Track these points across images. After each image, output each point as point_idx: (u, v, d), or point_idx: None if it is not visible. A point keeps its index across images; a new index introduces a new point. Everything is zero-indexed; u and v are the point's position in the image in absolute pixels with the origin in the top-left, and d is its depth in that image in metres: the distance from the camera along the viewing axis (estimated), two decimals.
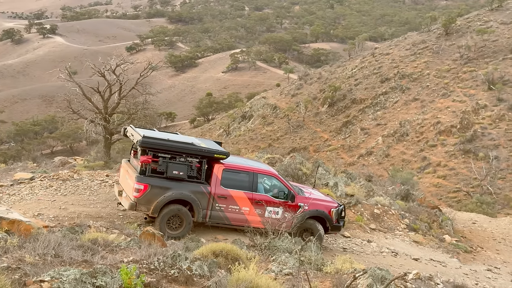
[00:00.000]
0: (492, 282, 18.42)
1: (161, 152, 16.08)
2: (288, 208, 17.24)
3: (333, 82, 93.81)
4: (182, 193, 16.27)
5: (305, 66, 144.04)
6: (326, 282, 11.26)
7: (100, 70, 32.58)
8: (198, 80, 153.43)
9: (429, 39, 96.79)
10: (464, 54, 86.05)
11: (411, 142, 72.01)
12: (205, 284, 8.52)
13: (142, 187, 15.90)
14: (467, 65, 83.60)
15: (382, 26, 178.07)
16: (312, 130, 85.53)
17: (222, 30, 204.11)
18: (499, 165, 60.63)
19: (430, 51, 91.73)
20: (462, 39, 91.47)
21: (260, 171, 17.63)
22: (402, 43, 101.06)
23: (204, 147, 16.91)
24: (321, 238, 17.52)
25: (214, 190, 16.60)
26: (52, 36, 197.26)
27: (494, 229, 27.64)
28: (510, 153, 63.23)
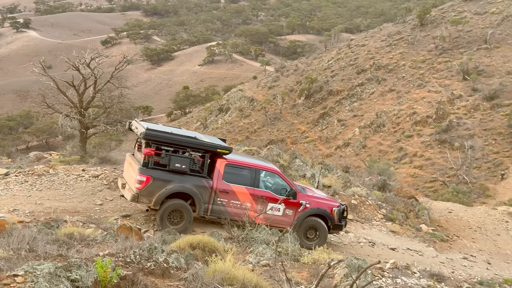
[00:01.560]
0: (468, 270, 18.59)
1: (164, 145, 16.12)
2: (290, 205, 17.24)
3: (309, 74, 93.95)
4: (184, 186, 16.28)
5: (281, 58, 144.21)
6: (303, 272, 11.29)
7: (75, 64, 32.22)
8: (174, 73, 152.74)
9: (404, 30, 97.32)
10: (439, 44, 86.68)
11: (388, 133, 72.44)
12: (181, 276, 8.49)
13: (144, 178, 15.94)
14: (442, 56, 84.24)
15: (358, 18, 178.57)
16: (289, 122, 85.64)
17: (198, 23, 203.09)
18: (474, 154, 61.21)
19: (405, 42, 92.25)
20: (436, 30, 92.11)
21: (262, 167, 17.65)
22: (378, 34, 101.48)
23: (206, 141, 16.98)
24: (325, 236, 17.57)
25: (216, 185, 16.60)
26: (26, 30, 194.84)
27: (470, 218, 27.89)
28: (485, 142, 63.88)
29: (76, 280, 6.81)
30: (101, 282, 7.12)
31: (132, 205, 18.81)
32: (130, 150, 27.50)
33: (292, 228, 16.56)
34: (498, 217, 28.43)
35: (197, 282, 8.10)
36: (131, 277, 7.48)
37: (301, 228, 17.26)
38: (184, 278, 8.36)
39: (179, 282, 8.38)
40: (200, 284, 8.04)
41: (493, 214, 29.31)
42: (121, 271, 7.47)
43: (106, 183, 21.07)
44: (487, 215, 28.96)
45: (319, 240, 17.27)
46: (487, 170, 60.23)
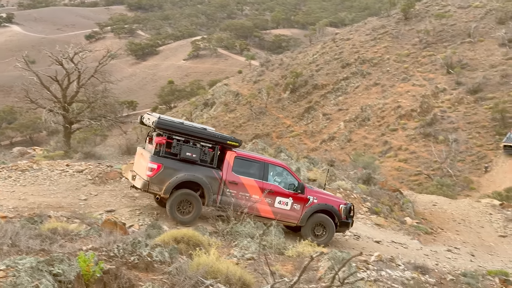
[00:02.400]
0: (452, 262, 18.69)
1: (176, 135, 16.26)
2: (298, 200, 17.25)
3: (294, 68, 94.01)
4: (194, 175, 16.34)
5: (266, 52, 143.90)
6: (288, 265, 11.32)
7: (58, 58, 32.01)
8: (159, 68, 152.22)
9: (389, 24, 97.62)
10: (423, 38, 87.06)
11: (373, 126, 72.72)
12: (165, 270, 8.49)
13: (155, 166, 16.06)
14: (426, 50, 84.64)
15: (342, 12, 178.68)
16: (274, 116, 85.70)
17: (182, 17, 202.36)
18: (458, 147, 61.62)
19: (390, 36, 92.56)
20: (421, 23, 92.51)
21: (271, 162, 17.82)
22: (362, 28, 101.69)
23: (217, 133, 17.22)
24: (333, 233, 17.64)
25: (226, 176, 16.66)
26: (9, 25, 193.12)
27: (454, 210, 28.05)
28: (469, 135, 64.33)
29: (59, 274, 6.77)
30: (83, 276, 7.09)
31: (117, 200, 18.75)
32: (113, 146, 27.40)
33: (299, 223, 17.16)
34: (482, 210, 28.61)
35: (181, 276, 8.09)
36: (114, 271, 7.45)
37: (309, 224, 17.32)
38: (168, 271, 8.35)
39: (163, 275, 8.37)
40: (183, 278, 8.03)
41: (477, 206, 29.48)
42: (104, 265, 7.44)
43: (90, 178, 20.95)
44: (471, 207, 29.13)
45: (326, 236, 17.37)
46: (471, 163, 60.69)
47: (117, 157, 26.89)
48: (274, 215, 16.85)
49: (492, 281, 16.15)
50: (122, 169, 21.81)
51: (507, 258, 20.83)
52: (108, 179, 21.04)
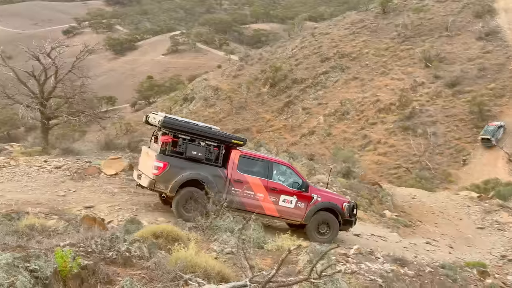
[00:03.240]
0: (431, 255, 18.84)
1: (181, 133, 16.45)
2: (302, 198, 17.42)
3: (274, 62, 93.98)
4: (199, 174, 16.51)
5: (245, 47, 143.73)
6: (267, 259, 11.34)
7: (35, 53, 31.65)
8: (138, 63, 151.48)
9: (367, 18, 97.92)
10: (401, 32, 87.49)
11: (352, 120, 73.02)
12: (144, 265, 8.47)
13: (161, 164, 16.22)
14: (405, 44, 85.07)
15: (321, 6, 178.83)
16: (254, 111, 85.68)
17: (161, 12, 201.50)
18: (436, 141, 62.10)
19: (368, 30, 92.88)
20: (399, 17, 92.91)
21: (275, 160, 18.06)
22: (341, 22, 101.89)
23: (222, 132, 17.54)
24: (337, 230, 17.83)
25: (231, 175, 16.83)
26: None
27: (433, 203, 28.30)
28: (447, 129, 64.82)
29: (35, 270, 6.72)
30: (61, 272, 7.05)
31: (96, 196, 18.65)
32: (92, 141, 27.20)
33: (303, 221, 17.40)
34: (460, 202, 28.91)
35: (159, 271, 8.09)
36: (92, 266, 7.42)
37: (314, 222, 17.52)
38: (147, 266, 8.35)
39: (141, 270, 8.35)
40: (162, 272, 8.02)
41: (455, 199, 29.79)
42: (82, 261, 7.41)
43: (69, 174, 20.82)
44: (449, 200, 29.41)
45: (331, 234, 17.57)
46: (450, 156, 61.19)
47: (96, 153, 26.70)
48: (279, 213, 17.24)
49: (470, 273, 16.28)
50: (101, 165, 21.72)
51: (485, 250, 21.06)
52: (86, 175, 20.93)
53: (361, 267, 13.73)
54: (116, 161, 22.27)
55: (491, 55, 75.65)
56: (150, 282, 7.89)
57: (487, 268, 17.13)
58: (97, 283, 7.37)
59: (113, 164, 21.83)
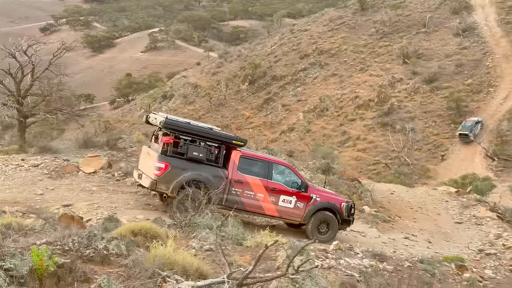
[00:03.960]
0: (409, 249, 18.98)
1: (183, 134, 16.59)
2: (301, 198, 17.63)
3: (253, 59, 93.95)
4: (200, 175, 16.63)
5: (224, 44, 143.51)
6: (246, 256, 11.36)
7: (11, 51, 31.38)
8: (116, 60, 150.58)
9: (346, 15, 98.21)
10: (380, 29, 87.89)
11: (331, 117, 73.23)
12: (122, 263, 8.44)
13: (163, 165, 16.39)
14: (383, 40, 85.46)
15: (300, 3, 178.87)
16: (234, 108, 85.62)
17: (139, 9, 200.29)
18: (415, 136, 62.48)
19: (347, 27, 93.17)
20: (377, 14, 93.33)
21: (275, 161, 18.29)
22: (320, 19, 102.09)
23: (223, 133, 17.90)
24: (336, 230, 18.03)
25: (231, 175, 17.00)
26: None
27: (411, 198, 28.50)
28: (426, 124, 65.26)
29: (11, 269, 6.67)
30: (37, 270, 7.00)
31: (74, 194, 18.55)
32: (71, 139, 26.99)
33: (302, 221, 17.74)
34: (438, 197, 29.15)
35: (137, 268, 8.07)
36: (69, 264, 7.38)
37: (314, 222, 17.74)
38: (124, 264, 8.32)
39: (119, 268, 8.32)
40: (139, 270, 8.00)
41: (433, 194, 30.04)
42: (58, 259, 7.36)
43: (46, 172, 20.70)
44: (427, 195, 29.66)
45: (330, 233, 17.80)
46: (428, 152, 61.61)
47: (74, 151, 26.51)
48: (278, 213, 17.53)
49: (448, 267, 16.46)
50: (79, 163, 21.60)
51: (463, 244, 21.25)
52: (65, 173, 20.83)
53: (340, 263, 13.82)
54: (95, 159, 22.18)
55: (468, 51, 76.24)
56: (127, 279, 7.86)
57: (465, 262, 17.32)
58: (74, 281, 7.33)
59: (91, 162, 21.74)
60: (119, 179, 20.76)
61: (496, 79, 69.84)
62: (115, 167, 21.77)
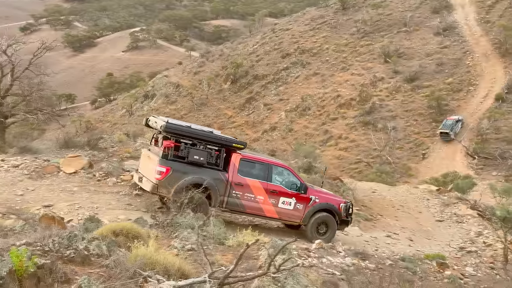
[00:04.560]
0: (391, 248, 19.05)
1: (183, 138, 16.67)
2: (300, 199, 17.82)
3: (235, 58, 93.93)
4: (201, 178, 16.63)
5: (206, 43, 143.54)
6: (228, 255, 11.35)
7: None
8: (97, 60, 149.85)
9: (327, 14, 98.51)
10: (361, 28, 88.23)
11: (313, 116, 73.37)
12: (103, 263, 8.39)
13: (164, 169, 16.43)
14: (364, 39, 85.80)
15: (281, 2, 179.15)
16: (216, 107, 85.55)
17: (120, 8, 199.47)
18: (396, 135, 62.77)
19: (328, 26, 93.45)
20: (358, 13, 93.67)
21: (275, 163, 18.30)
22: (301, 18, 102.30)
23: (223, 136, 17.83)
24: (335, 230, 18.28)
25: (232, 178, 17.09)
26: None
27: (393, 197, 28.60)
28: (407, 123, 65.60)
29: None
30: (16, 271, 6.94)
31: (55, 195, 18.41)
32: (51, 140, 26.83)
33: (302, 222, 17.99)
34: (420, 195, 29.29)
35: (118, 268, 8.03)
36: (49, 265, 7.32)
37: (314, 223, 17.95)
38: (105, 264, 8.28)
39: (100, 269, 8.28)
40: (120, 270, 7.96)
41: (414, 192, 30.18)
42: (39, 260, 7.30)
43: (27, 172, 20.51)
44: (409, 193, 29.78)
45: (329, 234, 18.04)
46: (409, 150, 61.93)
47: (54, 151, 26.27)
48: (278, 215, 17.70)
49: (429, 265, 16.56)
50: (60, 163, 21.44)
51: (444, 242, 21.38)
52: (45, 173, 20.65)
53: (322, 261, 13.85)
54: (76, 159, 22.01)
55: (449, 50, 76.79)
56: (108, 280, 7.83)
57: (446, 260, 17.43)
58: (54, 282, 7.28)
59: (72, 162, 21.56)
60: (100, 179, 20.62)
61: (476, 78, 70.42)
62: (96, 167, 21.62)
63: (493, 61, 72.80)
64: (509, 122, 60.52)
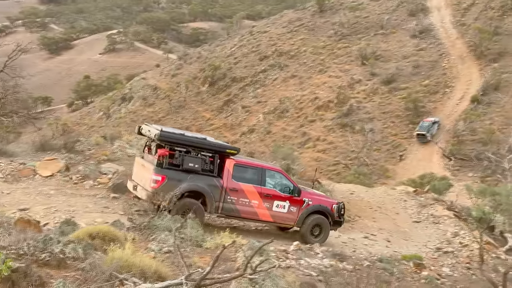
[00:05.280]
0: (369, 249, 19.13)
1: (177, 146, 16.74)
2: (294, 202, 18.05)
3: (213, 61, 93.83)
4: (197, 185, 16.84)
5: (184, 45, 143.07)
6: (206, 257, 11.33)
7: None
8: (74, 62, 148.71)
9: (305, 17, 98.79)
10: (338, 30, 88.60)
11: (291, 118, 73.52)
12: (78, 266, 8.34)
13: (159, 178, 16.51)
14: (342, 42, 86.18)
15: (259, 5, 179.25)
16: (194, 110, 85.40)
17: (97, 11, 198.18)
18: (374, 137, 63.14)
19: (306, 28, 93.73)
20: (335, 16, 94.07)
21: (268, 167, 18.64)
22: (279, 21, 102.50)
23: (216, 142, 18.18)
24: (328, 232, 18.67)
25: (226, 184, 17.22)
26: None
27: (371, 198, 28.67)
28: (384, 125, 66.00)
29: None
30: None
31: (31, 198, 18.26)
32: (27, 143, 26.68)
33: (296, 225, 18.26)
34: (397, 197, 29.40)
35: (94, 271, 7.98)
36: (24, 269, 7.26)
37: (308, 226, 18.22)
38: (81, 268, 8.24)
39: (76, 272, 8.22)
40: (96, 273, 7.91)
41: (392, 194, 30.28)
42: (13, 264, 7.23)
43: (2, 176, 20.35)
44: (386, 195, 29.88)
45: (323, 236, 18.42)
46: (387, 152, 62.33)
47: (30, 154, 26.02)
48: (273, 219, 17.96)
49: (407, 265, 16.69)
50: (36, 166, 21.27)
51: (421, 243, 21.50)
52: (21, 176, 20.50)
53: (300, 263, 13.90)
54: (52, 162, 21.87)
55: (425, 53, 77.43)
56: (84, 283, 7.78)
57: (423, 260, 17.56)
58: (29, 285, 7.23)
59: (48, 165, 21.42)
60: (77, 182, 20.49)
61: (452, 80, 71.08)
62: (73, 170, 21.46)
63: (468, 64, 73.53)
64: (484, 124, 61.16)
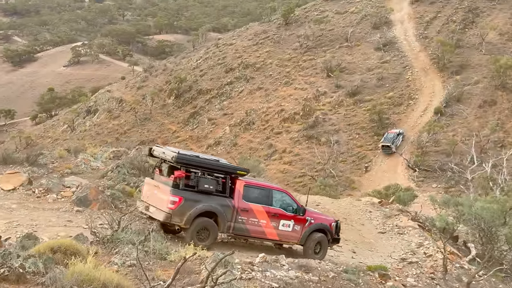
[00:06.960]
0: (334, 260, 19.15)
1: (193, 168, 17.16)
2: (298, 221, 18.72)
3: (178, 73, 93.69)
4: (211, 206, 17.31)
5: (149, 58, 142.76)
6: (170, 270, 11.23)
7: None
8: (38, 75, 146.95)
9: (270, 29, 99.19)
10: (304, 43, 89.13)
11: (257, 130, 73.65)
12: (39, 281, 8.21)
13: (177, 199, 16.86)
14: (307, 54, 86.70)
15: (225, 17, 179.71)
16: (159, 122, 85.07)
17: (61, 23, 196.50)
18: (340, 148, 63.55)
19: (272, 41, 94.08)
20: (301, 28, 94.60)
21: (275, 188, 19.32)
22: (245, 33, 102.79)
23: (229, 164, 18.85)
24: (327, 248, 19.47)
25: (238, 204, 17.75)
26: None
27: (336, 209, 28.72)
28: (350, 137, 66.48)
29: None
30: None
31: None
32: None
33: (299, 242, 19.02)
34: (362, 208, 29.52)
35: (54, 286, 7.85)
36: None
37: (312, 243, 18.92)
38: (42, 282, 8.11)
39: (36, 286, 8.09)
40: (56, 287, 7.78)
41: (357, 205, 30.39)
42: None
43: None
44: (352, 206, 29.98)
45: (323, 252, 19.18)
46: (352, 163, 62.76)
47: None
48: (279, 237, 18.64)
49: (372, 276, 16.75)
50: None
51: (386, 253, 21.62)
52: None
53: (266, 275, 13.85)
54: (14, 175, 21.56)
55: (389, 65, 78.29)
56: None
57: (388, 271, 17.65)
58: None
59: (11, 179, 21.12)
60: (40, 195, 20.21)
61: (416, 92, 71.97)
62: (35, 184, 21.16)
63: (431, 76, 74.57)
64: (447, 135, 62.06)
